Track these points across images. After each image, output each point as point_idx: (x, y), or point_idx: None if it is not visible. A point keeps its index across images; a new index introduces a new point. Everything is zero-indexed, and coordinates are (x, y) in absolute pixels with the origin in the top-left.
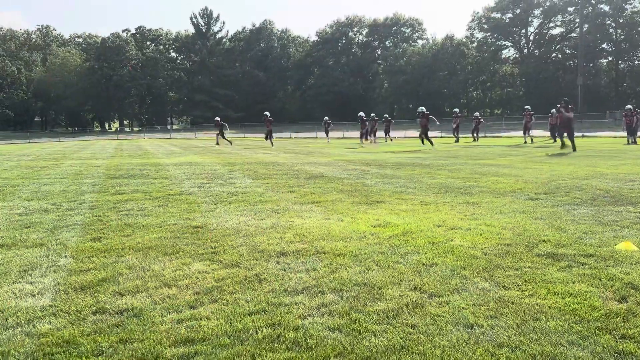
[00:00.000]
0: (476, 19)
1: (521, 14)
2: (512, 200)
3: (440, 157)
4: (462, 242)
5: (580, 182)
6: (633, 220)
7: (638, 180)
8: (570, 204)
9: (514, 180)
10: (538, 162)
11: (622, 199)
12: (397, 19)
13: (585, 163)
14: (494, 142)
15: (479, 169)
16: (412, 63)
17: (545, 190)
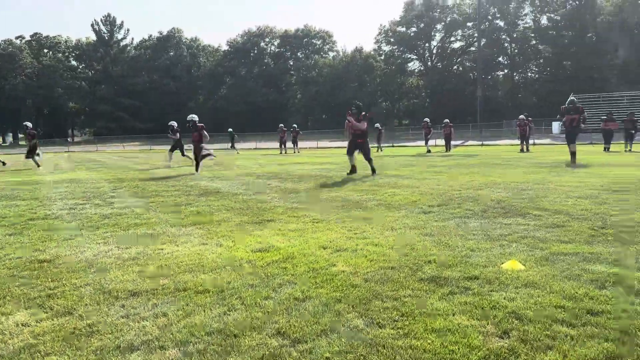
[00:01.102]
0: (383, 32)
1: (425, 28)
2: (405, 215)
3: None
4: (344, 267)
5: (474, 193)
6: (521, 233)
7: (528, 189)
8: (461, 216)
9: (410, 192)
10: (437, 172)
11: (512, 210)
12: (308, 31)
13: (482, 172)
14: (400, 152)
15: (379, 180)
16: (323, 74)
17: (439, 202)
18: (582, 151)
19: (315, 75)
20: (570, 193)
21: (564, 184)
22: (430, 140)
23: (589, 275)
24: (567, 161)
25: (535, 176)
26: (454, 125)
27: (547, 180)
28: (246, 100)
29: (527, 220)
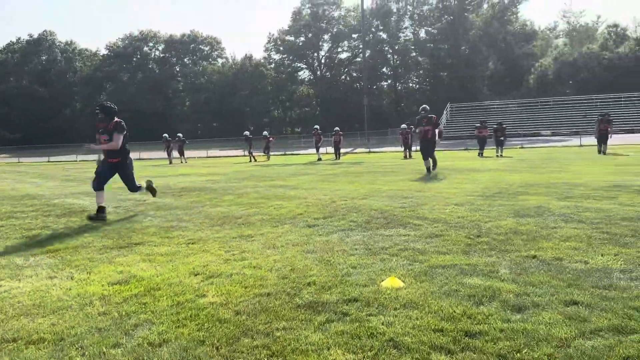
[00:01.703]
0: (272, 41)
1: (313, 39)
2: (289, 229)
3: (235, 178)
4: (214, 298)
5: (359, 203)
6: (401, 245)
7: (409, 196)
8: (345, 229)
9: (297, 204)
10: (326, 181)
11: (394, 220)
12: (195, 36)
13: (367, 180)
14: (291, 161)
15: (266, 191)
16: (213, 81)
17: (325, 214)
18: (458, 157)
19: (205, 82)
20: (448, 200)
21: (442, 191)
22: (321, 148)
23: (467, 290)
24: (447, 167)
25: (416, 183)
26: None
27: (427, 187)
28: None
29: (407, 231)
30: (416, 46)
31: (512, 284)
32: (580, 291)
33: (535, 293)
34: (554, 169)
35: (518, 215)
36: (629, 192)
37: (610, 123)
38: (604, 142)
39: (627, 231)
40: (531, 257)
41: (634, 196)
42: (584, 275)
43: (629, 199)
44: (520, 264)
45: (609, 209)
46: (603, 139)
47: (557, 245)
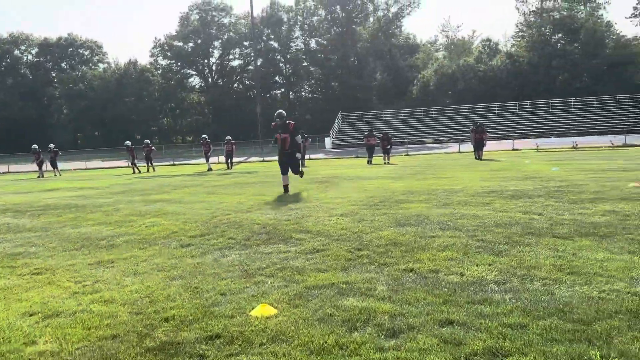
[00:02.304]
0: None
1: (202, 45)
2: (158, 251)
3: (110, 193)
4: (46, 345)
5: (242, 217)
6: (280, 264)
7: (295, 208)
8: (222, 247)
9: (174, 220)
10: (212, 193)
11: (275, 235)
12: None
13: (255, 191)
14: (179, 171)
15: (143, 207)
16: (94, 87)
17: (203, 231)
18: (348, 165)
19: (84, 89)
20: (333, 210)
21: (329, 201)
22: (211, 158)
23: (341, 314)
24: (337, 175)
25: (305, 193)
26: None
27: (314, 197)
28: None
29: (288, 247)
30: (307, 56)
31: (388, 303)
32: (456, 308)
33: (410, 313)
34: (435, 175)
35: (399, 224)
36: (502, 198)
37: (484, 132)
38: (480, 149)
39: (500, 238)
40: (409, 271)
41: (506, 202)
42: (459, 289)
43: (502, 205)
44: (397, 279)
45: (484, 215)
46: (479, 146)
47: (435, 256)
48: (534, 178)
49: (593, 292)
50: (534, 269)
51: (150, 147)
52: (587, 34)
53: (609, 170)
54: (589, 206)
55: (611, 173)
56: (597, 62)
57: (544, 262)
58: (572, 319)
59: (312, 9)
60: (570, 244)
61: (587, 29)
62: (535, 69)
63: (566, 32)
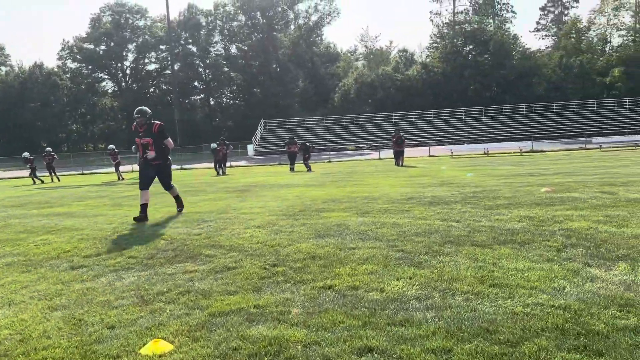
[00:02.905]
0: (67, 48)
1: (115, 48)
2: (43, 275)
3: (2, 206)
4: None
5: (148, 232)
6: (184, 286)
7: (210, 219)
8: (120, 268)
9: (68, 238)
10: (119, 205)
11: (183, 252)
12: None
13: (168, 202)
14: (88, 181)
15: (37, 222)
16: None
17: (100, 250)
18: (271, 172)
19: None
20: (250, 222)
21: (247, 211)
22: (120, 167)
23: (248, 348)
24: (258, 183)
25: (222, 203)
26: None
27: (232, 207)
28: None
29: (196, 265)
30: (228, 61)
31: (302, 330)
32: (376, 332)
33: (326, 340)
34: (356, 182)
35: (318, 235)
36: (421, 205)
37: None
38: (400, 155)
39: (421, 248)
40: (327, 288)
41: (425, 209)
42: (379, 309)
43: (421, 212)
44: (314, 299)
45: (404, 224)
46: (399, 153)
47: (354, 270)
48: (450, 184)
49: (517, 307)
50: (456, 282)
51: (52, 155)
52: (496, 46)
53: (519, 175)
54: (505, 212)
55: (521, 178)
56: (505, 72)
57: (465, 274)
58: (499, 340)
59: (232, 14)
60: (489, 253)
61: (495, 41)
62: (449, 79)
63: (477, 44)
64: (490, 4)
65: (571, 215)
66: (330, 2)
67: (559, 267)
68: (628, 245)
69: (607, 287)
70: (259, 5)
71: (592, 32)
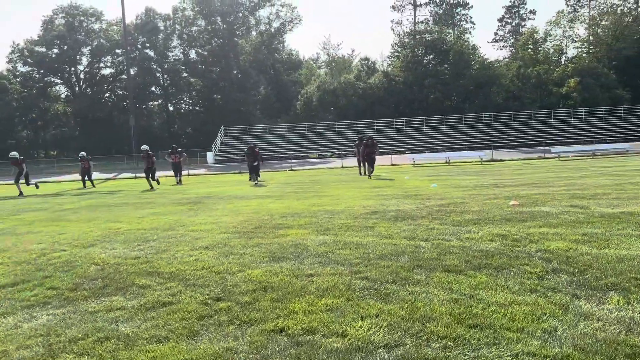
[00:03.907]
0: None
1: (69, 51)
2: None
3: None
4: None
5: (80, 253)
6: (104, 331)
7: (153, 239)
8: (33, 304)
9: None
10: (57, 220)
11: (114, 281)
12: None
13: (112, 216)
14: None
15: None
16: None
17: (17, 279)
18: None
19: None
20: (198, 241)
21: (196, 228)
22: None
23: None
24: (214, 194)
25: (170, 217)
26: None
27: (181, 222)
28: None
29: (125, 299)
30: (187, 67)
31: None
32: None
33: None
34: (317, 193)
35: (273, 258)
36: (385, 220)
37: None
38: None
39: (387, 274)
40: (278, 332)
41: (390, 225)
42: None
43: (386, 229)
44: (261, 348)
45: (368, 243)
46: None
47: (312, 306)
48: (414, 196)
49: (505, 358)
50: (430, 322)
51: None
52: (456, 56)
53: (484, 186)
54: (475, 229)
55: (486, 190)
56: (464, 82)
57: (440, 310)
58: None
59: (191, 18)
60: (464, 281)
61: (455, 51)
62: (410, 88)
63: (437, 54)
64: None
65: (546, 234)
66: (292, 10)
67: (545, 301)
68: (615, 271)
69: (605, 328)
70: (219, 10)
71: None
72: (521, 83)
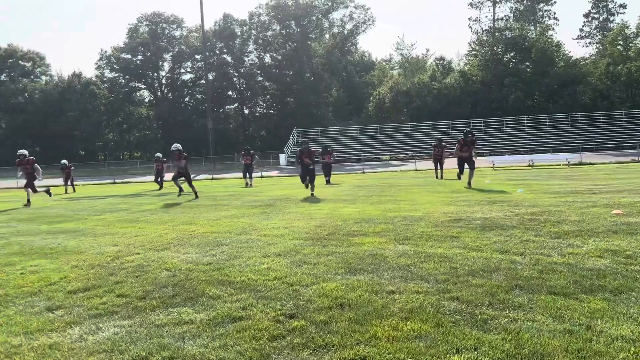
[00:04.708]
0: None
1: (152, 58)
2: (8, 321)
3: (15, 220)
4: None
5: (153, 257)
6: (169, 349)
7: (225, 243)
8: (100, 313)
9: (62, 264)
10: (134, 221)
11: (184, 289)
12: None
13: (186, 217)
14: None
15: (39, 241)
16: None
17: (89, 283)
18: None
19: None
20: (270, 247)
21: (269, 232)
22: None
23: None
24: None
25: (243, 220)
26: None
27: (253, 226)
28: None
29: (194, 311)
30: (262, 71)
31: None
32: None
33: None
34: (392, 197)
35: (349, 270)
36: (471, 229)
37: (443, 148)
38: (440, 166)
39: (481, 295)
40: None
41: (477, 235)
42: None
43: (472, 240)
44: None
45: (454, 256)
46: (439, 163)
47: (396, 331)
48: (500, 202)
49: None
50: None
51: (69, 167)
52: (538, 54)
53: (578, 192)
54: (577, 242)
55: (582, 196)
56: (548, 81)
57: (553, 344)
58: None
59: (267, 23)
60: (577, 307)
61: (537, 49)
62: (488, 87)
63: (518, 51)
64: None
65: None
66: (365, 11)
67: None
68: None
69: None
70: (293, 14)
71: None
72: (610, 82)
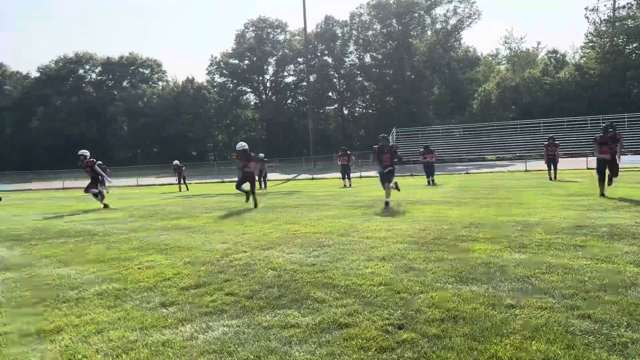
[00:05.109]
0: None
1: (257, 62)
2: (125, 315)
3: (134, 217)
4: None
5: (259, 256)
6: (276, 353)
7: (329, 244)
8: (211, 312)
9: (176, 259)
10: (235, 220)
11: (290, 290)
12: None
13: (289, 217)
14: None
15: (155, 237)
16: (152, 105)
17: (200, 280)
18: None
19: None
20: (373, 251)
21: (371, 235)
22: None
23: None
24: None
25: (344, 221)
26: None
27: (355, 227)
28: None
29: (300, 315)
30: (362, 71)
31: None
32: None
33: None
34: (502, 200)
35: (460, 279)
36: (597, 237)
37: (557, 147)
38: (554, 166)
39: (617, 314)
40: None
41: (605, 244)
42: None
43: (601, 249)
44: None
45: (581, 268)
46: (552, 163)
47: (520, 351)
48: (628, 207)
49: None
50: None
51: (181, 167)
52: None
53: None
54: None
55: None
56: None
57: None
58: None
59: (367, 23)
60: None
61: None
62: (607, 82)
63: None
64: None
65: None
66: (471, 5)
67: None
68: None
69: None
70: (395, 12)
71: None
72: None
